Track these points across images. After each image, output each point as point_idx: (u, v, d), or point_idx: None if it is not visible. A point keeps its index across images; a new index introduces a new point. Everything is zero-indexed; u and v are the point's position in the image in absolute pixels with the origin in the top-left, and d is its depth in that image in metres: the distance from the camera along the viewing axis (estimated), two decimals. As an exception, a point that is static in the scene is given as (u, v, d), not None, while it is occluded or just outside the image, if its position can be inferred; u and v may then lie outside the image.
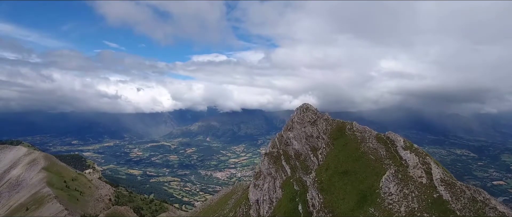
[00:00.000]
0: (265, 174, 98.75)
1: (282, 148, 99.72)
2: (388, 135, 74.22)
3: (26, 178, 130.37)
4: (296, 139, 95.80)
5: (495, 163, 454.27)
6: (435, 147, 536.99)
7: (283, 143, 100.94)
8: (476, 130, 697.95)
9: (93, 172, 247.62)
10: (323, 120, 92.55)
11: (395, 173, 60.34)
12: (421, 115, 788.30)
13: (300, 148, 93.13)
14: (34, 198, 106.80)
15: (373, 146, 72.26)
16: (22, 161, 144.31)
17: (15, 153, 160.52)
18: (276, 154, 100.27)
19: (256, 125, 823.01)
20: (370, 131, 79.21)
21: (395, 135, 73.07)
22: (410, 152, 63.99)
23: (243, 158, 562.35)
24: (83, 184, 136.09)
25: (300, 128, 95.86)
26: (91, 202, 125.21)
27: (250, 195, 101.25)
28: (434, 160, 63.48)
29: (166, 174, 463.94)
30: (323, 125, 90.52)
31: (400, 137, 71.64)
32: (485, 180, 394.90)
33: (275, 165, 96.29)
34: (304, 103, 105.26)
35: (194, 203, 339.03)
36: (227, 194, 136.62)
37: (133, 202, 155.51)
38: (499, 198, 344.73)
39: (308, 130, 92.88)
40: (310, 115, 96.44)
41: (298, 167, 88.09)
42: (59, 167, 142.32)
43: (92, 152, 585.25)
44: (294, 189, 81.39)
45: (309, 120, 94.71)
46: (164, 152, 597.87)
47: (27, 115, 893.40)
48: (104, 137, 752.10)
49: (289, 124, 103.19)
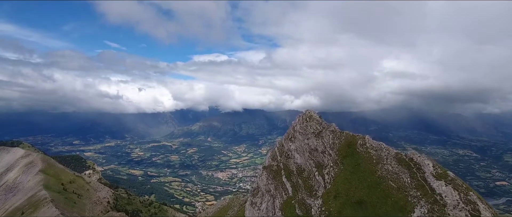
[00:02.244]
0: (263, 191, 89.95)
1: (283, 161, 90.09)
2: (411, 156, 61.40)
3: (22, 181, 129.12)
4: (299, 152, 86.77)
5: (498, 164, 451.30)
6: (438, 147, 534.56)
7: (284, 155, 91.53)
8: (478, 130, 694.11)
9: (93, 173, 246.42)
10: (329, 131, 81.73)
11: (429, 214, 48.40)
12: (424, 115, 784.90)
13: (303, 163, 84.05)
14: (29, 201, 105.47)
15: (393, 170, 59.86)
16: (19, 164, 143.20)
17: (12, 155, 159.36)
18: (276, 168, 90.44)
19: (258, 125, 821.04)
20: (387, 149, 66.31)
21: (420, 156, 60.06)
22: (445, 184, 51.38)
23: (244, 158, 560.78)
24: (81, 187, 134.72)
25: (302, 139, 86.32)
26: (89, 205, 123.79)
27: (247, 213, 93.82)
28: (479, 195, 51.56)
29: (167, 175, 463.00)
30: (329, 138, 79.83)
31: (428, 159, 59.31)
32: (488, 181, 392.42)
33: (274, 181, 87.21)
34: (306, 110, 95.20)
35: (195, 203, 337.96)
36: (223, 208, 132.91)
37: (132, 204, 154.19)
38: (502, 199, 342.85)
39: (312, 143, 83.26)
40: (314, 125, 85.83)
41: (301, 185, 78.95)
42: (57, 169, 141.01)
43: (93, 152, 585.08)
44: (296, 214, 72.00)
45: (313, 131, 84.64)
46: (165, 152, 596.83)
47: (28, 115, 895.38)
48: (106, 137, 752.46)
49: (290, 132, 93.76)
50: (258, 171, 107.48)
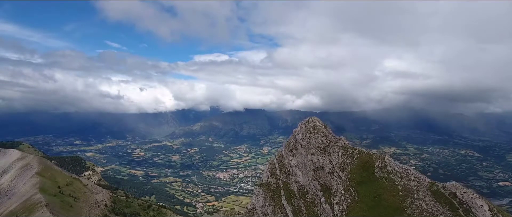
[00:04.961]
0: (259, 214, 76.95)
1: (283, 177, 77.29)
2: (453, 191, 46.06)
3: (18, 183, 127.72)
4: (301, 168, 73.25)
5: (501, 164, 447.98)
6: (439, 147, 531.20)
7: (284, 170, 78.20)
8: (481, 130, 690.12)
9: (93, 174, 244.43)
10: (338, 147, 67.13)
11: None
12: (425, 115, 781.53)
13: (306, 182, 70.51)
14: (24, 205, 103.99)
15: (428, 208, 43.82)
16: (15, 166, 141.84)
17: (8, 157, 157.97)
18: (274, 187, 77.33)
19: (259, 125, 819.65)
20: (417, 177, 51.06)
21: (468, 192, 44.52)
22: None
23: (245, 159, 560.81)
24: (78, 189, 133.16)
25: (305, 154, 72.71)
26: (86, 209, 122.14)
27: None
28: None
29: (168, 175, 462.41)
30: (338, 155, 65.12)
31: (480, 198, 44.49)
32: (491, 181, 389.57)
33: (272, 203, 74.48)
34: (310, 118, 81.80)
35: (195, 204, 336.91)
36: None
37: (130, 207, 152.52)
38: (505, 199, 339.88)
39: (317, 160, 69.31)
40: (320, 138, 71.43)
41: (304, 212, 66.38)
42: (54, 172, 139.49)
43: (94, 152, 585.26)
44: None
45: (318, 146, 70.72)
46: (166, 152, 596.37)
47: (30, 115, 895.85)
48: (107, 137, 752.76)
49: (291, 142, 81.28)
50: (254, 191, 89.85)
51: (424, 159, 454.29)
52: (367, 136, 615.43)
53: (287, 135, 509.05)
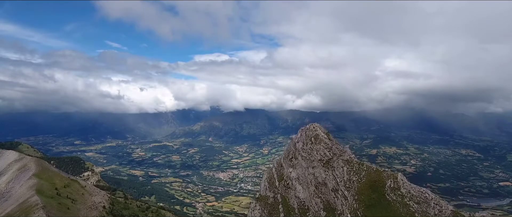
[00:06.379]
0: None
1: (281, 191, 70.30)
2: None
3: (15, 186, 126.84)
4: (301, 182, 66.57)
5: (501, 164, 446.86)
6: (440, 147, 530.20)
7: (282, 183, 71.44)
8: (481, 130, 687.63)
9: (92, 175, 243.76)
10: (342, 161, 60.21)
11: None
12: (426, 115, 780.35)
13: (307, 199, 63.88)
14: (21, 208, 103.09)
15: None
16: (12, 167, 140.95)
17: (5, 158, 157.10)
18: (272, 201, 70.40)
19: (259, 125, 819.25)
20: (437, 203, 41.44)
21: None
22: None
23: (245, 159, 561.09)
24: (76, 191, 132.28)
25: (306, 167, 66.33)
26: (83, 211, 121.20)
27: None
28: None
29: (168, 175, 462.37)
30: (343, 170, 58.33)
31: None
32: (491, 181, 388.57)
33: None
34: (311, 125, 75.27)
35: (195, 204, 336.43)
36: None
37: (129, 209, 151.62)
38: (505, 199, 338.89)
39: (319, 174, 62.47)
40: (322, 150, 64.26)
41: None
42: (52, 173, 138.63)
43: (94, 152, 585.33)
44: None
45: (320, 158, 63.90)
46: (166, 152, 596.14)
47: (30, 115, 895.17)
48: (107, 137, 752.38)
49: (291, 150, 74.28)
50: (251, 204, 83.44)
51: (424, 159, 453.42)
52: (368, 136, 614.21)
53: (288, 135, 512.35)
